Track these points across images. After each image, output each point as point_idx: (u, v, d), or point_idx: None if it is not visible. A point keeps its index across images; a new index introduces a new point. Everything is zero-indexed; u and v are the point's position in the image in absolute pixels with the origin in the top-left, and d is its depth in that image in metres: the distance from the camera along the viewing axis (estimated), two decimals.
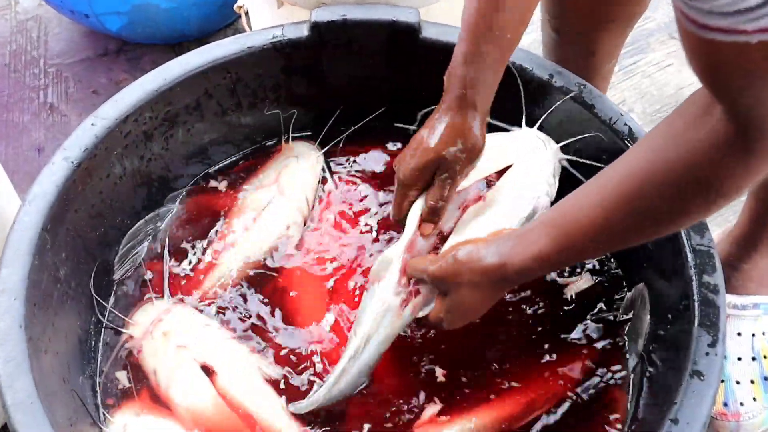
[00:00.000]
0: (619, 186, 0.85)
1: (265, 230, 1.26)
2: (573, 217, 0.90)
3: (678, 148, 0.80)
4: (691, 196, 0.81)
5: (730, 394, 1.31)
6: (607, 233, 0.88)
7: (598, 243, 0.91)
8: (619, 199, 0.85)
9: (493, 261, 0.95)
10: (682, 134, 0.80)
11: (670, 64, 1.84)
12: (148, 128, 1.21)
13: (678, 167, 0.80)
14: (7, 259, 1.01)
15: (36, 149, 1.71)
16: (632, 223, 0.87)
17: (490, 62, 1.05)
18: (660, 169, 0.81)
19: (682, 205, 0.83)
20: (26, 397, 0.91)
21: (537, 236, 0.92)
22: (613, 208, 0.86)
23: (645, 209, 0.84)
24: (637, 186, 0.84)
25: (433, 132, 1.07)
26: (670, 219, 0.86)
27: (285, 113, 1.34)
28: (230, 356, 1.13)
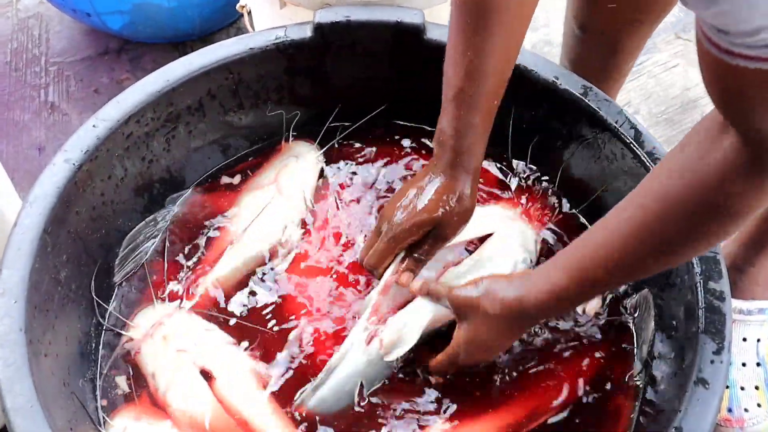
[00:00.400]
0: (635, 214, 0.86)
1: (264, 231, 1.25)
2: (589, 251, 0.92)
3: (690, 176, 0.80)
4: (705, 222, 0.82)
5: (735, 400, 1.30)
6: (623, 265, 0.89)
7: (616, 275, 0.92)
8: (633, 231, 0.86)
9: (511, 294, 0.98)
10: (694, 161, 0.80)
11: (676, 65, 1.83)
12: (150, 129, 1.20)
13: (691, 195, 0.80)
14: (7, 260, 1.00)
15: (36, 148, 1.70)
16: (648, 253, 0.87)
17: (480, 131, 1.06)
18: (674, 194, 0.82)
19: (697, 232, 0.83)
20: (26, 401, 0.91)
21: (554, 271, 0.95)
22: (629, 236, 0.87)
23: (660, 236, 0.85)
24: (652, 214, 0.84)
25: (425, 194, 1.09)
26: (685, 247, 0.86)
27: (287, 114, 1.33)
28: (229, 361, 1.13)
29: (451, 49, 1.03)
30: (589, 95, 1.19)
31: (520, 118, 1.27)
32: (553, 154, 1.29)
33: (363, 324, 1.11)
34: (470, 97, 1.03)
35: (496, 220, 1.23)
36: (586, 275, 0.92)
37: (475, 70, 1.02)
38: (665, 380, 1.05)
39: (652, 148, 1.13)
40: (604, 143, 1.19)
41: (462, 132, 1.05)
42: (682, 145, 0.84)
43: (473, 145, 1.06)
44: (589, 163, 1.24)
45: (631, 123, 1.16)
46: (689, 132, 0.84)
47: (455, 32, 1.02)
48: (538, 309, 0.97)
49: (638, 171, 1.14)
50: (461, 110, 1.04)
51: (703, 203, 0.80)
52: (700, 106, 1.77)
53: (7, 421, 0.90)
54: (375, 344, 1.08)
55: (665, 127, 1.73)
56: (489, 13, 0.99)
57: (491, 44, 1.00)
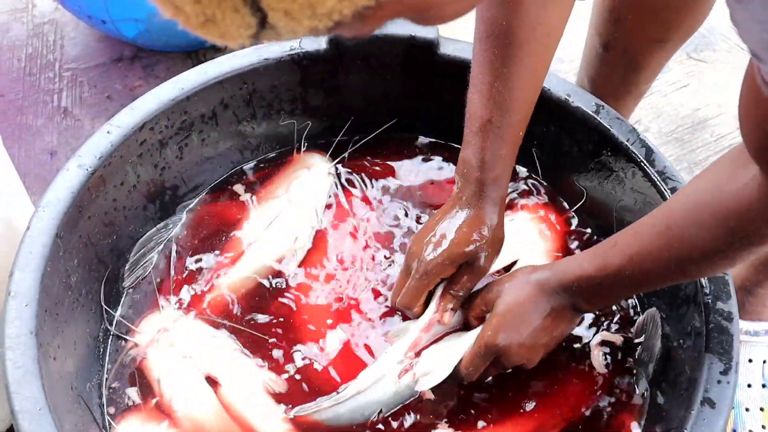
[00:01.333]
0: (658, 222, 0.92)
1: (275, 241, 1.25)
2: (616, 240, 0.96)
3: (713, 198, 0.84)
4: (722, 242, 0.85)
5: (739, 421, 1.30)
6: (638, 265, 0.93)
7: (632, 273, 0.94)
8: (654, 234, 0.91)
9: (539, 272, 1.04)
10: (719, 185, 0.84)
11: (686, 85, 1.83)
12: (164, 137, 1.21)
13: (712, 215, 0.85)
14: (19, 263, 1.00)
15: (48, 153, 1.71)
16: (665, 258, 0.91)
17: (507, 162, 1.08)
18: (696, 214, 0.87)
19: (713, 249, 0.87)
20: (34, 404, 0.91)
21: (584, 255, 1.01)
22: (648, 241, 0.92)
23: (678, 248, 0.89)
24: (675, 225, 0.89)
25: (455, 227, 1.08)
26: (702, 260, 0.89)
27: (299, 124, 1.34)
28: (235, 368, 1.13)
29: (477, 79, 1.03)
30: (600, 113, 1.19)
31: (531, 134, 1.27)
32: (564, 172, 1.29)
33: (399, 356, 1.10)
34: (498, 129, 1.04)
35: (519, 243, 1.24)
36: (605, 262, 0.96)
37: (503, 101, 1.02)
38: (671, 399, 1.04)
39: (663, 167, 1.13)
40: (615, 161, 1.19)
41: (489, 164, 1.05)
42: (712, 168, 0.88)
43: (500, 176, 1.07)
44: (600, 180, 1.24)
45: (642, 142, 1.16)
46: (720, 158, 0.88)
47: (481, 63, 1.02)
48: (563, 286, 1.00)
49: (648, 190, 1.14)
50: (488, 142, 1.04)
51: (720, 225, 0.84)
52: (710, 126, 1.77)
53: (15, 424, 0.90)
54: (407, 378, 1.09)
55: (675, 146, 1.73)
56: (517, 44, 0.99)
57: (519, 75, 1.01)
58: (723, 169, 0.85)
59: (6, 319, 0.97)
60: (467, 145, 1.07)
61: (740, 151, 0.83)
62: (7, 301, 0.98)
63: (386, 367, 1.10)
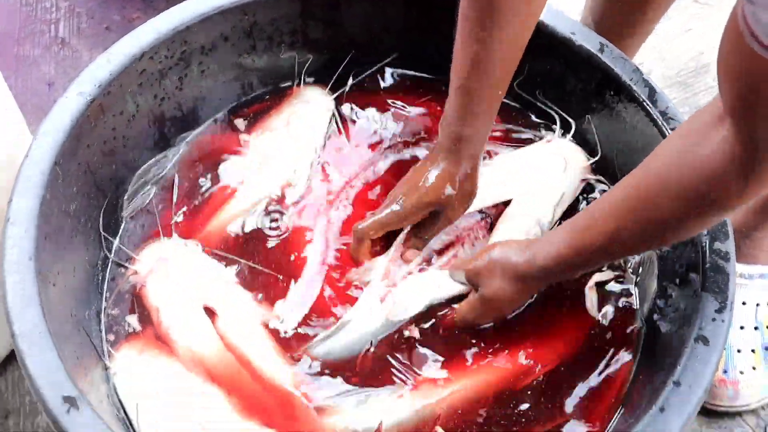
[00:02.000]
0: (630, 194, 0.91)
1: (273, 174, 1.26)
2: (589, 221, 0.97)
3: (683, 164, 0.83)
4: (693, 208, 0.85)
5: (731, 361, 1.31)
6: (618, 238, 0.93)
7: (612, 247, 0.96)
8: (629, 207, 0.91)
9: (520, 259, 1.04)
10: (687, 149, 0.83)
11: (691, 29, 1.82)
12: (163, 67, 1.20)
13: (681, 182, 0.84)
14: (18, 190, 1.00)
15: (46, 83, 1.70)
16: (640, 230, 0.92)
17: (483, 120, 1.09)
18: (666, 181, 0.86)
19: (686, 216, 0.87)
20: (34, 327, 0.91)
21: (559, 236, 1.00)
22: (623, 215, 0.92)
23: (652, 218, 0.89)
24: (646, 196, 0.88)
25: (429, 178, 1.12)
26: (676, 228, 0.90)
27: (300, 58, 1.33)
28: (232, 299, 1.14)
29: (458, 37, 1.04)
30: (604, 52, 1.18)
31: (535, 73, 1.26)
32: (567, 110, 1.29)
33: (375, 285, 1.13)
34: (474, 89, 1.05)
35: (525, 173, 1.25)
36: (584, 247, 0.97)
37: (480, 62, 1.03)
38: (665, 336, 1.05)
39: (666, 108, 1.13)
40: (617, 101, 1.19)
41: (465, 120, 1.08)
42: (680, 131, 0.87)
43: (476, 133, 1.10)
44: (602, 120, 1.23)
45: (646, 81, 1.15)
46: (689, 118, 0.87)
47: (462, 22, 1.03)
48: (544, 271, 1.02)
49: (650, 131, 1.14)
50: (465, 99, 1.07)
51: (691, 191, 0.83)
52: (713, 70, 1.74)
53: (15, 347, 0.91)
54: (389, 302, 1.10)
55: (678, 89, 1.73)
56: (496, 9, 0.99)
57: (497, 39, 1.01)
58: (692, 132, 0.84)
59: (5, 245, 0.97)
60: (449, 99, 1.09)
61: (711, 110, 0.81)
62: (6, 228, 0.98)
63: (368, 297, 1.13)
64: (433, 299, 1.13)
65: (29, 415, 1.32)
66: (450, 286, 1.14)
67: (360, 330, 1.10)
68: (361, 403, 1.05)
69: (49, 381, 0.88)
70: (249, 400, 1.05)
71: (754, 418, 1.33)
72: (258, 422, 1.03)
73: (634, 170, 0.92)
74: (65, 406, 0.87)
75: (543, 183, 1.23)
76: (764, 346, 1.32)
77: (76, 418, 0.87)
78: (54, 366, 0.89)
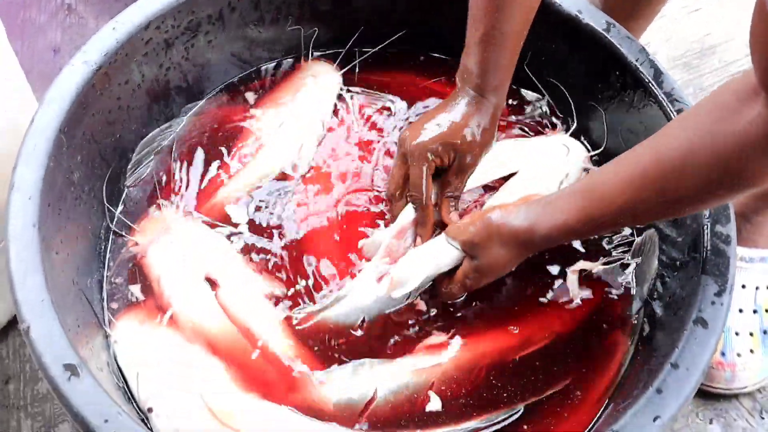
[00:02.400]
0: (649, 168, 0.87)
1: (279, 148, 1.25)
2: (601, 192, 0.93)
3: (711, 138, 0.80)
4: (717, 184, 0.83)
5: (729, 344, 1.32)
6: (631, 210, 0.91)
7: (622, 218, 0.95)
8: (646, 180, 0.88)
9: (521, 225, 1.00)
10: (717, 124, 0.80)
11: (698, 9, 1.81)
12: (170, 36, 1.20)
13: (709, 157, 0.81)
14: (23, 157, 1.00)
15: (52, 50, 1.69)
16: (657, 203, 0.89)
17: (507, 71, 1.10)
18: (691, 156, 0.82)
19: (708, 191, 0.84)
20: (36, 295, 0.92)
21: (565, 205, 0.97)
22: (640, 188, 0.88)
23: (671, 192, 0.86)
24: (667, 170, 0.85)
25: (450, 117, 1.11)
26: (694, 202, 0.88)
27: (306, 31, 1.33)
28: (233, 270, 1.14)
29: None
30: (611, 31, 1.18)
31: (540, 52, 1.26)
32: (571, 90, 1.28)
33: (375, 263, 1.12)
34: (500, 37, 1.05)
35: (527, 155, 1.24)
36: (594, 214, 0.94)
37: (505, 9, 1.03)
38: (664, 318, 1.06)
39: (671, 89, 1.13)
40: (622, 81, 1.18)
41: (490, 73, 1.08)
42: (707, 105, 0.83)
43: (499, 85, 1.10)
44: (606, 100, 1.23)
45: (651, 62, 1.15)
46: (716, 91, 0.83)
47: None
48: (545, 239, 1.00)
49: (654, 112, 1.14)
50: (489, 52, 1.06)
51: (719, 167, 0.80)
52: (719, 52, 1.75)
53: (18, 314, 0.92)
54: (384, 283, 1.10)
55: (683, 71, 1.72)
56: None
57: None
58: (721, 106, 0.80)
59: (9, 212, 0.97)
60: (469, 53, 1.08)
61: (742, 84, 0.79)
62: (11, 195, 0.98)
63: (365, 274, 1.12)
64: (432, 271, 1.11)
65: (29, 381, 1.33)
66: (448, 256, 1.10)
67: (354, 305, 1.11)
68: (356, 372, 1.06)
69: (50, 348, 0.89)
70: (249, 372, 1.06)
71: (750, 401, 1.34)
72: (257, 394, 1.04)
73: (649, 142, 0.90)
74: (66, 373, 0.88)
75: (547, 164, 1.23)
76: (762, 329, 1.33)
77: (76, 386, 0.87)
78: (56, 333, 0.90)
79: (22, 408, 1.31)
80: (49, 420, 1.29)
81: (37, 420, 1.30)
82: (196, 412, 1.01)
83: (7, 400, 1.32)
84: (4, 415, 1.30)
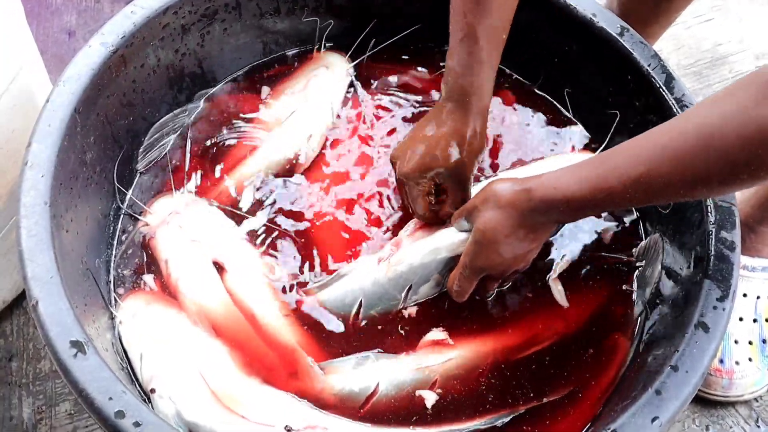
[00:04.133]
0: (669, 145, 0.85)
1: (289, 137, 1.26)
2: (614, 162, 0.91)
3: (739, 121, 0.79)
4: (742, 169, 0.81)
5: (727, 351, 1.33)
6: (644, 186, 0.88)
7: (634, 193, 0.90)
8: (664, 158, 0.85)
9: (519, 187, 0.99)
10: (748, 108, 0.79)
11: (711, 19, 1.81)
12: (186, 22, 1.21)
13: (736, 140, 0.79)
14: (37, 135, 1.01)
15: (66, 32, 1.70)
16: (672, 182, 0.86)
17: (489, 68, 1.07)
18: (720, 134, 0.81)
19: (732, 175, 0.82)
20: (46, 272, 0.92)
21: (569, 172, 0.95)
22: (657, 164, 0.86)
23: (690, 172, 0.84)
24: (689, 149, 0.83)
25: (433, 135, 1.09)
26: (715, 184, 0.85)
27: (322, 23, 1.33)
28: (241, 255, 1.15)
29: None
30: (624, 36, 1.19)
31: (554, 53, 1.27)
32: (584, 93, 1.29)
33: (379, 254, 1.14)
34: (481, 33, 1.04)
35: None
36: (599, 184, 0.91)
37: (485, 4, 1.03)
38: (666, 322, 1.06)
39: (682, 95, 1.13)
40: (634, 85, 1.19)
41: (473, 69, 1.06)
42: (733, 90, 0.82)
43: (483, 83, 1.07)
44: (616, 103, 1.24)
45: (664, 68, 1.16)
46: (744, 78, 0.83)
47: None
48: (546, 205, 0.97)
49: (665, 117, 1.14)
50: (470, 46, 1.05)
51: (745, 151, 0.79)
52: (730, 62, 1.76)
53: (27, 290, 0.92)
54: (383, 266, 1.11)
55: (692, 79, 1.73)
56: None
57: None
58: (747, 93, 0.80)
59: (22, 188, 0.98)
60: (452, 54, 1.07)
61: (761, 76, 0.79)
62: (24, 171, 0.99)
63: (367, 257, 1.14)
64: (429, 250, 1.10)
65: (32, 359, 1.34)
66: (446, 236, 1.10)
67: (352, 285, 1.11)
68: (359, 365, 1.07)
69: (58, 324, 0.90)
70: (252, 357, 1.07)
71: (747, 409, 1.35)
72: (260, 379, 1.05)
73: (674, 120, 0.88)
74: (72, 350, 0.88)
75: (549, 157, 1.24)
76: (762, 338, 1.33)
77: (82, 362, 0.88)
78: (64, 310, 0.91)
79: (24, 386, 1.32)
80: (50, 399, 1.30)
81: (38, 398, 1.31)
82: (198, 394, 1.02)
83: (9, 378, 1.33)
84: (5, 392, 1.31)
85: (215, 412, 1.01)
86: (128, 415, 0.85)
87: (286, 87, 1.32)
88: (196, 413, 1.00)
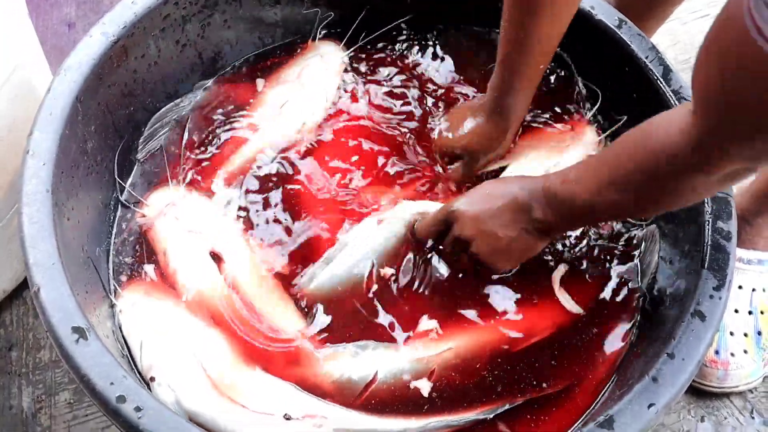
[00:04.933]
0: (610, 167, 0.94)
1: (283, 125, 1.27)
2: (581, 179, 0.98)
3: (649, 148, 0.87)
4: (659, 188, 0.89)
5: (723, 343, 1.33)
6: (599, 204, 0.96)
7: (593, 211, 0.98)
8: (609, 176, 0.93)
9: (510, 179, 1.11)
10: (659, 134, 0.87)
11: (707, 15, 1.82)
12: (187, 13, 1.21)
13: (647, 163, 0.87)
14: (39, 123, 1.02)
15: (66, 24, 1.70)
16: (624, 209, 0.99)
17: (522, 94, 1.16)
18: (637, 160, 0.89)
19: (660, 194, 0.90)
20: (48, 258, 0.93)
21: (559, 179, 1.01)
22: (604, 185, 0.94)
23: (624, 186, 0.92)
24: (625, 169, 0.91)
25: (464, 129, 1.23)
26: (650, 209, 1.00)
27: (322, 14, 1.34)
28: (238, 244, 1.16)
29: (504, 20, 1.09)
30: (622, 28, 1.20)
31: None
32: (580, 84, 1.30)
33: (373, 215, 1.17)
34: (514, 65, 1.12)
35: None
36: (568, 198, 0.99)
37: (520, 44, 1.09)
38: (663, 311, 1.07)
39: (679, 87, 1.14)
40: (632, 77, 1.20)
41: (507, 93, 1.15)
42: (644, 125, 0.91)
43: (513, 104, 1.17)
44: (614, 95, 1.25)
45: (661, 60, 1.17)
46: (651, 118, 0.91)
47: (507, 6, 1.08)
48: (531, 196, 1.03)
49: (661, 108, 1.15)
50: (506, 74, 1.13)
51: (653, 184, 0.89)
52: None
53: (29, 276, 0.93)
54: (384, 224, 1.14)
55: (688, 75, 1.70)
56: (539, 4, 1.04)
57: (538, 26, 1.06)
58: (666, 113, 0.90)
59: (24, 176, 0.98)
60: (495, 69, 1.15)
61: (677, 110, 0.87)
62: (26, 160, 1.00)
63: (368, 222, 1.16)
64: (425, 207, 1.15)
65: (32, 349, 1.35)
66: None
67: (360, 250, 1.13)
68: (358, 354, 1.07)
69: (60, 310, 0.90)
70: (250, 345, 1.07)
71: (741, 401, 1.36)
72: (258, 367, 1.05)
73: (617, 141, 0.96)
74: (74, 336, 0.89)
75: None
76: (757, 330, 1.34)
77: (83, 349, 0.88)
78: (65, 296, 0.91)
79: (23, 375, 1.33)
80: (50, 388, 1.31)
81: (38, 387, 1.31)
82: (198, 382, 1.02)
83: (9, 367, 1.33)
84: (5, 381, 1.32)
85: (214, 400, 1.01)
86: (129, 400, 0.85)
87: (281, 76, 1.33)
88: (195, 402, 1.00)
